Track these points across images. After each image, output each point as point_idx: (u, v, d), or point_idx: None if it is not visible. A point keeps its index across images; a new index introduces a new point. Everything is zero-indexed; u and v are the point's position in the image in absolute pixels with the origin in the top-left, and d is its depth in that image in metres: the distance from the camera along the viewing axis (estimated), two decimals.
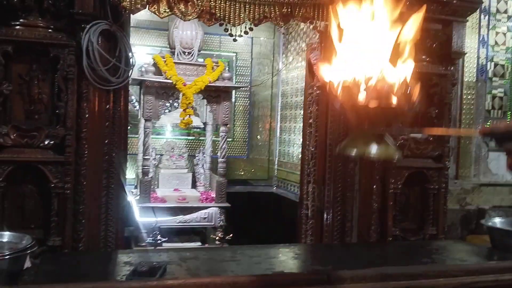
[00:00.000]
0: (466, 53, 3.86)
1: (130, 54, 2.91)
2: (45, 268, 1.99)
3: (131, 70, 2.93)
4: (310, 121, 3.88)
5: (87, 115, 2.73)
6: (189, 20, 2.84)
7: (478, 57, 4.41)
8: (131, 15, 2.93)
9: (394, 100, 1.34)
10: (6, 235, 1.95)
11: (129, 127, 3.53)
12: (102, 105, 2.82)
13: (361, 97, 1.33)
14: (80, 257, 2.34)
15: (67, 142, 2.65)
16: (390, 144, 1.44)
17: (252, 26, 2.91)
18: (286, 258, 2.35)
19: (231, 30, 2.96)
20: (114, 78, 2.81)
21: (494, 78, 4.49)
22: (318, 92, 3.68)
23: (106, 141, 2.85)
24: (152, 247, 4.25)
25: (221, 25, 2.94)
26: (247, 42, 6.44)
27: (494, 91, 4.47)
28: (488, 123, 4.48)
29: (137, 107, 5.72)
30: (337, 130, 3.47)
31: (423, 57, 3.34)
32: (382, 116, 1.40)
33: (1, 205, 2.58)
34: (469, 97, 4.34)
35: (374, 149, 1.39)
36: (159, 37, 6.10)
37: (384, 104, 1.34)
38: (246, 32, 2.94)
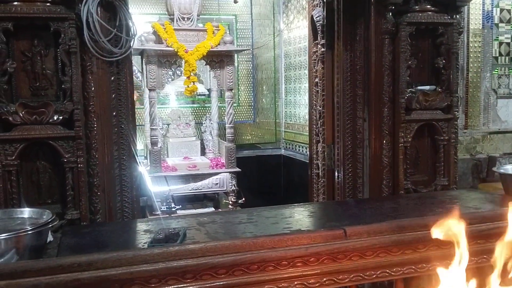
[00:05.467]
0: (471, 0, 3.77)
1: (130, 23, 2.86)
2: (66, 241, 2.03)
3: (133, 40, 2.89)
4: (316, 80, 3.85)
5: (93, 88, 2.72)
6: None
7: (484, 4, 4.31)
8: None
9: None
10: (27, 211, 1.98)
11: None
12: (107, 77, 2.80)
13: None
14: (99, 228, 2.37)
15: (75, 116, 2.64)
16: None
17: None
18: (302, 217, 2.38)
19: None
20: (117, 48, 2.78)
21: (500, 24, 4.40)
22: (323, 50, 3.63)
23: (114, 113, 2.85)
24: (167, 215, 4.31)
25: None
26: (246, 3, 6.32)
27: (500, 38, 4.39)
28: (496, 71, 4.42)
29: (140, 77, 5.69)
30: (344, 87, 3.44)
31: (428, 6, 3.27)
32: None
33: (17, 182, 2.60)
34: (475, 44, 4.27)
35: None
36: (156, 4, 6.00)
37: None
38: None
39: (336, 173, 3.63)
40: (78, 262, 1.61)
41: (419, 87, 3.32)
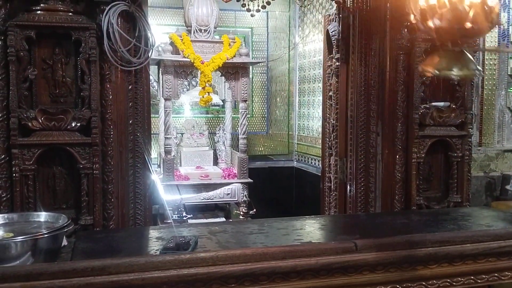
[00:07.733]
0: None
1: (149, 34, 2.92)
2: (80, 245, 2.06)
3: (151, 50, 2.95)
4: (330, 93, 3.87)
5: (110, 97, 2.77)
6: None
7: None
8: None
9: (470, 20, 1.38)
10: (43, 215, 2.02)
11: None
12: (124, 86, 2.86)
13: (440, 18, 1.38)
14: (113, 234, 2.41)
15: (93, 123, 2.70)
16: (472, 62, 1.47)
17: (270, 0, 2.89)
18: (313, 229, 2.39)
19: (248, 5, 2.95)
20: (135, 58, 2.84)
21: None
22: (337, 64, 3.65)
23: (130, 121, 2.90)
24: (178, 224, 4.34)
25: (238, 0, 2.93)
26: (262, 16, 6.39)
27: None
28: (511, 89, 4.40)
29: (156, 87, 5.76)
30: (358, 102, 3.46)
31: None
32: (463, 34, 1.43)
33: (33, 187, 2.65)
34: (491, 62, 4.26)
35: (456, 67, 1.43)
36: (174, 16, 6.09)
37: (463, 23, 1.37)
38: (263, 7, 2.92)
39: (348, 187, 3.63)
40: (91, 266, 1.64)
41: (434, 103, 3.32)
